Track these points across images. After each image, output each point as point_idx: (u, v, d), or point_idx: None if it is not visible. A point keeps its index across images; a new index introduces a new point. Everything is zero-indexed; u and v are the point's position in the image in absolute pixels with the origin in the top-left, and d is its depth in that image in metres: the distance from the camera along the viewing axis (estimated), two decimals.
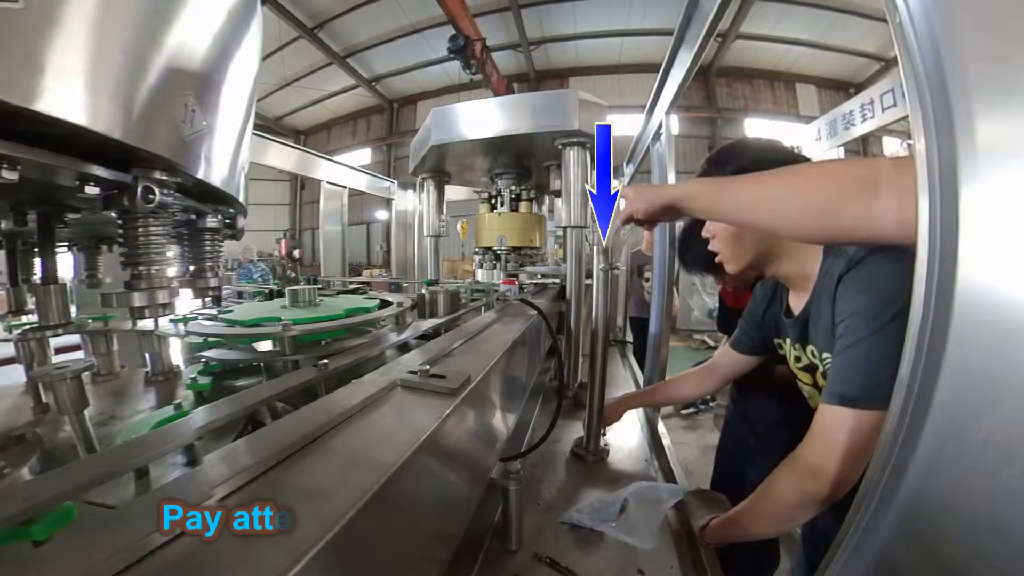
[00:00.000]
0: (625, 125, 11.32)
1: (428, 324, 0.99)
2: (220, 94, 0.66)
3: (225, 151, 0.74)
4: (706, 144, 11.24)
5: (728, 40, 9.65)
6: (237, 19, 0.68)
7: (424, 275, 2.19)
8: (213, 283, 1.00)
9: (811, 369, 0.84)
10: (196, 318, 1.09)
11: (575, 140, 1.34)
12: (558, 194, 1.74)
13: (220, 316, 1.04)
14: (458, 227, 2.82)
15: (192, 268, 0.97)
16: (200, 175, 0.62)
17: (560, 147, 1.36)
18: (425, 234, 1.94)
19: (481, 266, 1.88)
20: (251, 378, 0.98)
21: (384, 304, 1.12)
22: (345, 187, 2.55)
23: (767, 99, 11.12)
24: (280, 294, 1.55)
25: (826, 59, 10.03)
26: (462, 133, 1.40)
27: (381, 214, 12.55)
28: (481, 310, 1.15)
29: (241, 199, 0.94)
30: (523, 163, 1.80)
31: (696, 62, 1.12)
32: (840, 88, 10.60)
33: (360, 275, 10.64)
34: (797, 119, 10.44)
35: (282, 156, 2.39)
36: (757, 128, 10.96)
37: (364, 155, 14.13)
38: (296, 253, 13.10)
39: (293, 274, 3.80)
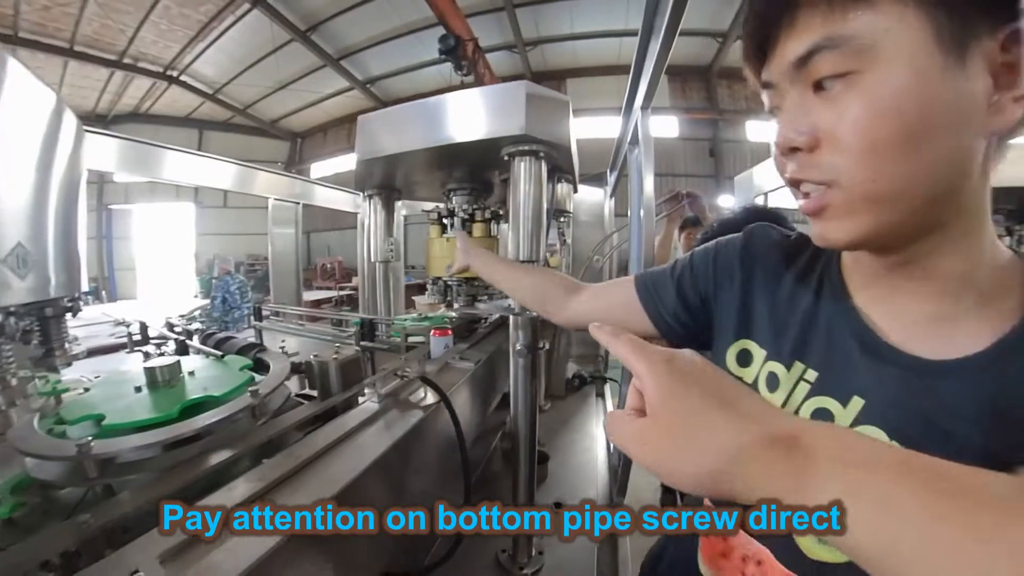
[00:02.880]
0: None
1: (292, 420, 0.73)
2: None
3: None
4: (706, 147, 10.99)
5: (729, 41, 9.37)
6: None
7: (387, 302, 1.90)
8: (60, 363, 1.07)
9: None
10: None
11: (524, 148, 1.08)
12: None
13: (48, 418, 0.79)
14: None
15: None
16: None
17: (506, 157, 1.10)
18: (371, 259, 1.70)
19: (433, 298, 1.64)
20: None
21: (256, 376, 0.87)
22: (298, 203, 2.30)
23: None
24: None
25: None
26: (385, 146, 1.15)
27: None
28: (363, 393, 0.83)
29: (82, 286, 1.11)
30: (480, 176, 1.55)
31: (666, 52, 0.88)
32: None
33: (351, 281, 10.42)
34: None
35: (215, 174, 2.11)
36: (758, 129, 10.68)
37: None
38: None
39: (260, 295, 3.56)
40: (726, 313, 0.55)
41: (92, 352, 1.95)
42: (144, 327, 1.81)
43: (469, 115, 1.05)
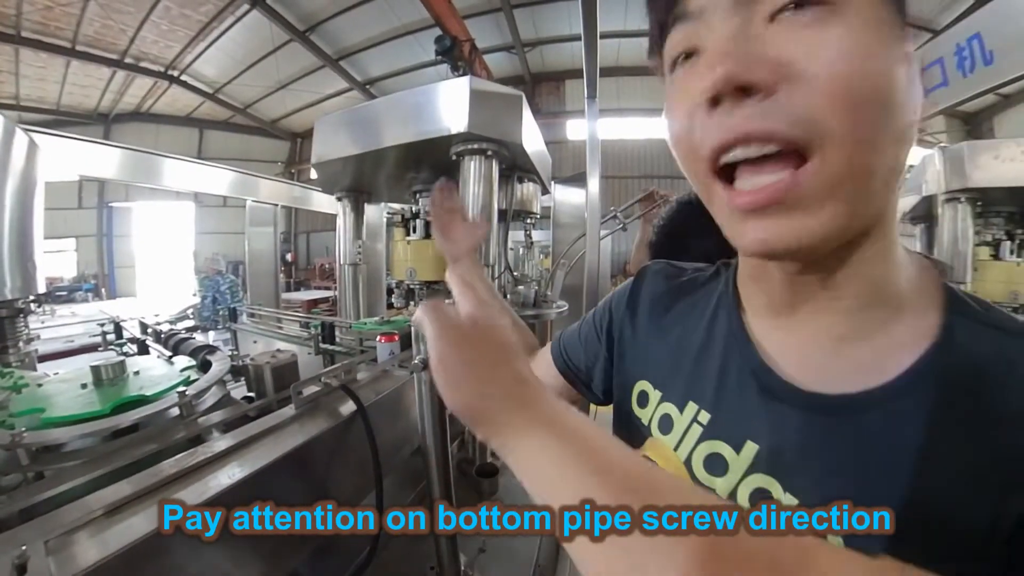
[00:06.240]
0: (623, 129, 11.02)
1: (217, 417, 0.75)
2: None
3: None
4: None
5: None
6: None
7: (355, 306, 1.91)
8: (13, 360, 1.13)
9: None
10: None
11: (472, 147, 1.07)
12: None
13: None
14: None
15: None
16: None
17: (454, 157, 1.10)
18: (340, 262, 1.71)
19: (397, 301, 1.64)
20: None
21: (194, 376, 0.88)
22: (276, 205, 2.32)
23: None
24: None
25: None
26: (335, 150, 1.16)
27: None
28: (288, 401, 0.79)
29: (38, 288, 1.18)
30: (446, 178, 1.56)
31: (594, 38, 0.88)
32: None
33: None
34: None
35: (213, 180, 2.13)
36: None
37: None
38: (289, 257, 12.93)
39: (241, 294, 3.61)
40: (628, 357, 0.51)
41: (70, 352, 1.98)
42: (118, 327, 1.84)
43: (414, 115, 1.05)
